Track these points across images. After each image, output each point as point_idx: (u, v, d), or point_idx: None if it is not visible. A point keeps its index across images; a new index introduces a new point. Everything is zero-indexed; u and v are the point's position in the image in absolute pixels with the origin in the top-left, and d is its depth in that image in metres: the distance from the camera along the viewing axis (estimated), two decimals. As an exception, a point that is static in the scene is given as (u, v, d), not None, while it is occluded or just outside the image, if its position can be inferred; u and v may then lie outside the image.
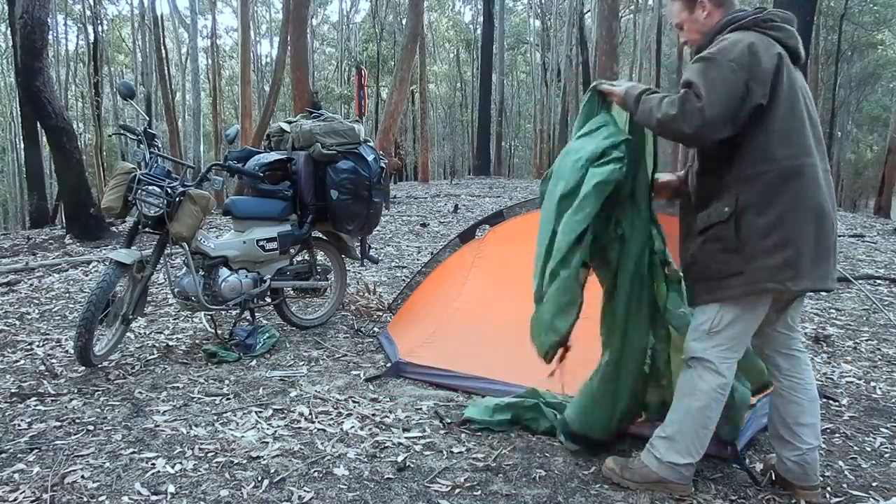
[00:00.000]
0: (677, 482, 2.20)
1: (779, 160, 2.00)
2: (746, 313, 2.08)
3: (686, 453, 2.16)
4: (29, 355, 3.65)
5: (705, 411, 2.14)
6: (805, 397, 2.18)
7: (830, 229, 2.03)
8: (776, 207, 1.99)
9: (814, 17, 8.04)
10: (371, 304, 4.76)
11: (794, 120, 2.01)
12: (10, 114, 28.38)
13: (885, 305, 4.91)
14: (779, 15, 2.08)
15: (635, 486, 2.23)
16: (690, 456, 2.16)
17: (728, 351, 2.12)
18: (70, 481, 2.22)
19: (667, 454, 2.18)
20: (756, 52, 1.97)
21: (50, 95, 7.69)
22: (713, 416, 2.15)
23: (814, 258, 1.99)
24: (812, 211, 1.99)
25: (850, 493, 2.27)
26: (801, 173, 1.99)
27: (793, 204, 1.99)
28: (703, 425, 2.16)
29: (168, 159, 3.83)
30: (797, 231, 1.98)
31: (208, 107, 23.64)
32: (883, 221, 12.27)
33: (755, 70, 1.96)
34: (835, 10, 20.85)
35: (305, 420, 2.78)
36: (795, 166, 1.99)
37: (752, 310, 2.08)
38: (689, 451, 2.16)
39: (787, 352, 2.21)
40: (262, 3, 33.54)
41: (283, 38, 13.85)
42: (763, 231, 2.00)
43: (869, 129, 32.29)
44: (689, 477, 2.21)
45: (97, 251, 7.02)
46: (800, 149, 2.01)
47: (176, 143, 18.45)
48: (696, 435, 2.16)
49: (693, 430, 2.16)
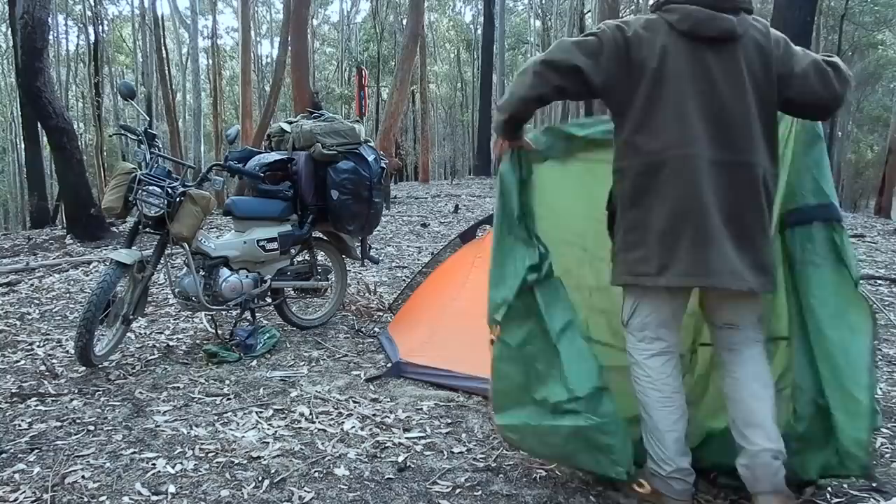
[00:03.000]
0: (670, 496, 2.04)
1: (644, 153, 1.91)
2: (643, 304, 2.02)
3: (658, 461, 2.04)
4: (29, 355, 3.65)
5: (647, 411, 2.05)
6: (749, 395, 2.01)
7: (708, 224, 1.87)
8: (641, 202, 1.93)
9: (814, 17, 8.05)
10: (371, 305, 4.76)
11: (663, 109, 1.88)
12: (11, 114, 28.41)
13: (886, 305, 4.91)
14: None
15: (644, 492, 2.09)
16: (663, 463, 2.02)
17: (643, 342, 2.05)
18: (70, 481, 2.22)
19: (650, 462, 2.09)
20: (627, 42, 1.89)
21: (50, 96, 7.70)
22: (654, 414, 2.03)
23: (679, 254, 1.87)
24: (680, 205, 1.87)
25: (851, 493, 2.26)
26: (671, 166, 1.88)
27: (658, 198, 1.90)
28: (653, 426, 2.04)
29: (168, 159, 3.83)
30: (660, 226, 1.90)
31: (209, 107, 23.67)
32: (883, 221, 12.27)
33: (618, 53, 1.88)
34: (835, 10, 20.85)
35: (306, 420, 2.78)
36: (662, 159, 1.88)
37: (648, 301, 2.01)
38: (658, 458, 2.04)
39: (731, 348, 2.06)
40: (263, 4, 33.59)
41: (283, 39, 13.87)
42: (627, 225, 1.98)
43: (869, 130, 32.29)
44: (683, 491, 2.04)
45: (98, 251, 7.03)
46: (670, 140, 1.88)
47: (176, 143, 18.47)
48: (653, 440, 2.05)
49: (649, 435, 2.07)
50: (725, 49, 1.88)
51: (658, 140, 1.89)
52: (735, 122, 1.89)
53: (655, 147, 1.90)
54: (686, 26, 1.87)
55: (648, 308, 2.03)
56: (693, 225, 1.87)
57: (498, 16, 24.21)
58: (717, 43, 1.88)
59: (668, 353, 2.05)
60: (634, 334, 2.07)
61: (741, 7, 1.90)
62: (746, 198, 1.91)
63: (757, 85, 1.90)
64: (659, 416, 2.03)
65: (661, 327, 2.04)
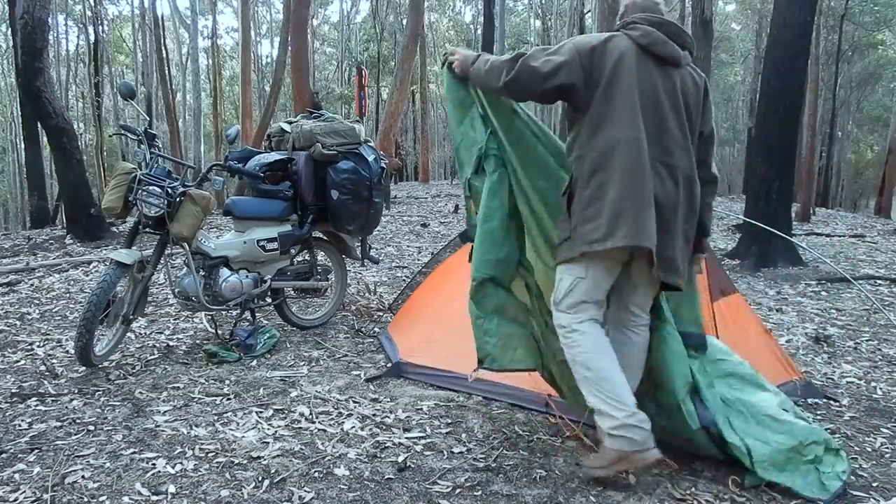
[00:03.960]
0: (633, 450, 2.18)
1: (602, 139, 2.21)
2: (584, 281, 2.26)
3: (613, 410, 2.19)
4: (29, 355, 3.65)
5: (588, 366, 2.24)
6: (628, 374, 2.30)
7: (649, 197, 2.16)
8: (597, 178, 2.21)
9: (814, 17, 8.04)
10: (371, 305, 4.76)
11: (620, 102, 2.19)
12: (11, 114, 28.38)
13: (886, 306, 4.91)
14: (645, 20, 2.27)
15: (604, 472, 2.25)
16: (617, 411, 2.18)
17: (575, 315, 2.27)
18: (70, 481, 2.22)
19: (604, 423, 2.23)
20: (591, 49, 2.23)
21: (50, 95, 7.70)
22: (596, 366, 2.23)
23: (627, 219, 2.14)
24: (630, 178, 2.16)
25: (851, 494, 2.27)
26: (623, 146, 2.18)
27: (612, 172, 2.18)
28: (599, 378, 2.22)
29: (168, 159, 3.83)
30: (612, 196, 2.17)
31: (209, 107, 23.65)
32: (883, 221, 12.28)
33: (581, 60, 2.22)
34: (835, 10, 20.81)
35: (306, 420, 2.78)
36: (617, 141, 2.18)
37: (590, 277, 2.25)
38: (612, 408, 2.19)
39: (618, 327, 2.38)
40: (263, 4, 33.56)
41: (283, 39, 13.86)
42: (584, 203, 2.23)
43: (869, 130, 32.27)
44: (643, 441, 2.18)
45: (97, 251, 7.03)
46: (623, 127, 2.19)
47: (176, 143, 18.46)
48: (602, 393, 2.22)
49: (597, 389, 2.23)
50: (669, 71, 2.26)
51: (614, 128, 2.20)
52: (668, 128, 2.23)
53: (612, 133, 2.20)
54: (645, 42, 2.23)
55: (587, 285, 2.26)
56: (640, 193, 2.16)
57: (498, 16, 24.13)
58: (665, 63, 2.25)
59: (596, 320, 2.30)
60: (567, 311, 2.29)
61: (687, 46, 2.31)
62: (671, 194, 2.21)
63: (688, 109, 2.28)
64: (601, 365, 2.23)
65: (593, 303, 2.29)
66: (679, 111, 2.25)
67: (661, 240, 2.17)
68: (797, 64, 7.24)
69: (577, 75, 2.22)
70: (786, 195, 7.44)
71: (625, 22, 2.31)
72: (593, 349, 2.24)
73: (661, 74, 2.24)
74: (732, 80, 33.61)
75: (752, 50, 26.38)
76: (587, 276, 2.25)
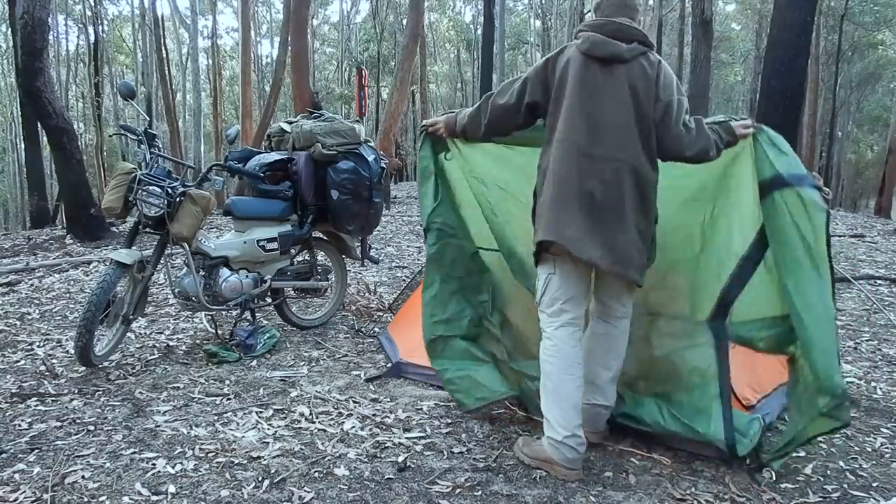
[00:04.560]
0: (561, 464, 2.29)
1: (553, 150, 2.34)
2: (553, 278, 2.36)
3: (556, 425, 2.30)
4: (29, 355, 3.65)
5: (551, 378, 2.34)
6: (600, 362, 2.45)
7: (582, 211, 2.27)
8: (544, 185, 2.36)
9: (814, 17, 8.03)
10: (371, 305, 4.76)
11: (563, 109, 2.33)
12: (11, 114, 28.40)
13: (886, 306, 4.91)
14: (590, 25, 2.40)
15: (528, 461, 2.40)
16: (560, 427, 2.28)
17: (552, 316, 2.36)
18: (70, 481, 2.22)
19: (547, 430, 2.34)
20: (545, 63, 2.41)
21: (50, 96, 7.70)
22: (555, 380, 2.32)
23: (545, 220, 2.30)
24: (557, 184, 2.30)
25: (851, 494, 2.27)
26: (557, 154, 2.32)
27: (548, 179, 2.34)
28: (554, 391, 2.32)
29: (168, 159, 3.83)
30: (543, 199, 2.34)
31: (209, 107, 23.66)
32: (883, 221, 12.27)
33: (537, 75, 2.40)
34: (835, 10, 20.83)
35: (306, 420, 2.78)
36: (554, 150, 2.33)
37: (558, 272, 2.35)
38: (556, 423, 2.30)
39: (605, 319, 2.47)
40: (263, 4, 33.57)
41: (283, 39, 13.87)
42: (540, 208, 2.38)
43: (869, 130, 32.30)
44: (573, 461, 2.29)
45: (97, 251, 7.03)
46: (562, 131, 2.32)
47: (176, 143, 18.46)
48: (553, 405, 2.33)
49: (551, 402, 2.34)
50: (612, 68, 2.33)
51: (557, 133, 2.34)
52: (608, 123, 2.31)
53: (555, 138, 2.35)
54: (585, 47, 2.35)
55: (558, 281, 2.35)
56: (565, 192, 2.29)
57: (498, 16, 24.13)
58: (607, 63, 2.33)
59: (573, 324, 2.36)
60: (546, 311, 2.39)
61: (636, 39, 2.36)
62: (612, 188, 2.28)
63: (637, 100, 2.32)
64: (560, 381, 2.32)
65: (569, 300, 2.36)
66: (626, 107, 2.32)
67: (608, 234, 2.26)
68: (797, 64, 7.24)
69: (538, 93, 2.39)
70: (786, 195, 7.42)
71: (575, 33, 2.47)
72: (560, 366, 2.33)
73: (605, 74, 2.33)
74: (732, 80, 33.64)
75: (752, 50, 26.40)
76: (556, 271, 2.36)
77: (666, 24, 23.86)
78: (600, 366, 2.46)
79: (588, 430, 2.46)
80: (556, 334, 2.34)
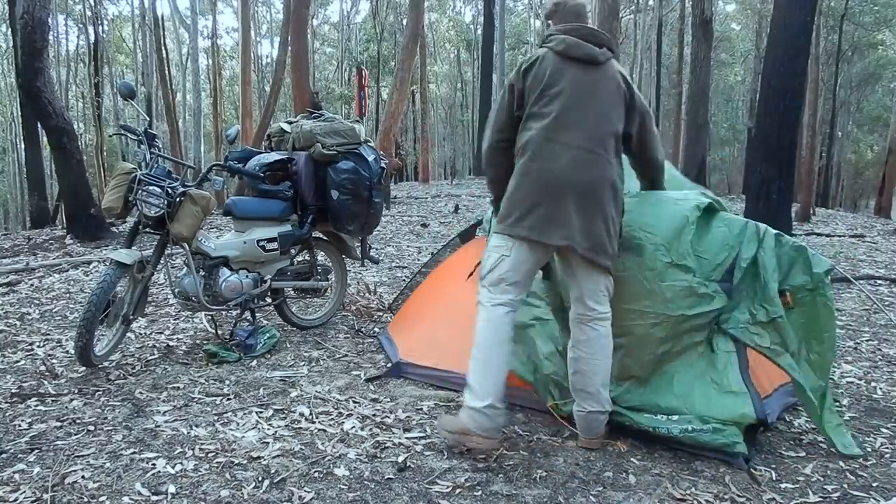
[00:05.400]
0: (477, 432, 2.37)
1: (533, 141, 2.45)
2: (508, 258, 2.45)
3: (479, 394, 2.39)
4: (29, 355, 3.65)
5: (480, 349, 2.43)
6: (588, 368, 2.48)
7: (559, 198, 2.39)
8: (516, 179, 2.48)
9: (814, 17, 8.03)
10: (371, 305, 4.76)
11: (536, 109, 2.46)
12: (11, 114, 28.39)
13: (886, 306, 4.91)
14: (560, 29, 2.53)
15: (447, 436, 2.46)
16: (483, 398, 2.37)
17: (494, 294, 2.47)
18: (70, 481, 2.22)
19: (468, 399, 2.42)
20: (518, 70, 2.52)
21: (50, 96, 7.70)
22: (485, 354, 2.43)
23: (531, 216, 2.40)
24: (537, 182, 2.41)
25: (851, 494, 2.27)
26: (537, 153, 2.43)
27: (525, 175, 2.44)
28: (483, 361, 2.43)
29: (168, 159, 3.83)
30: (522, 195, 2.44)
31: (209, 107, 23.64)
32: (883, 221, 12.28)
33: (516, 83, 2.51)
34: (835, 10, 20.82)
35: (306, 420, 2.78)
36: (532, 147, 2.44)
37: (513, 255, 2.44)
38: (477, 391, 2.40)
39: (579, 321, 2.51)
40: (263, 4, 33.56)
41: (283, 39, 13.86)
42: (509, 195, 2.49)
43: (869, 130, 32.28)
44: (491, 430, 2.39)
45: (97, 251, 7.03)
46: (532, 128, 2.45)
47: (176, 143, 18.44)
48: (478, 374, 2.42)
49: (477, 371, 2.43)
50: (589, 69, 2.49)
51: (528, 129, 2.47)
52: (586, 119, 2.44)
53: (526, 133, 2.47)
54: (561, 48, 2.48)
55: (509, 264, 2.45)
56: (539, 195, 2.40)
57: (498, 16, 24.19)
58: (583, 63, 2.48)
59: (511, 306, 2.47)
60: (488, 286, 2.49)
61: (604, 44, 2.53)
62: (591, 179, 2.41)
63: (611, 101, 2.49)
64: (490, 355, 2.43)
65: (514, 284, 2.47)
66: (599, 101, 2.46)
67: (586, 221, 2.39)
68: (797, 64, 7.24)
69: (518, 99, 2.51)
70: (786, 195, 7.44)
71: (543, 37, 2.60)
72: (491, 336, 2.44)
73: (585, 74, 2.47)
74: (732, 80, 33.63)
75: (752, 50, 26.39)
76: (511, 255, 2.46)
77: (666, 24, 23.86)
78: (589, 372, 2.49)
79: (587, 437, 2.54)
80: (494, 311, 2.45)
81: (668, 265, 2.55)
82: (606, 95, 2.48)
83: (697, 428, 2.43)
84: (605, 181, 2.43)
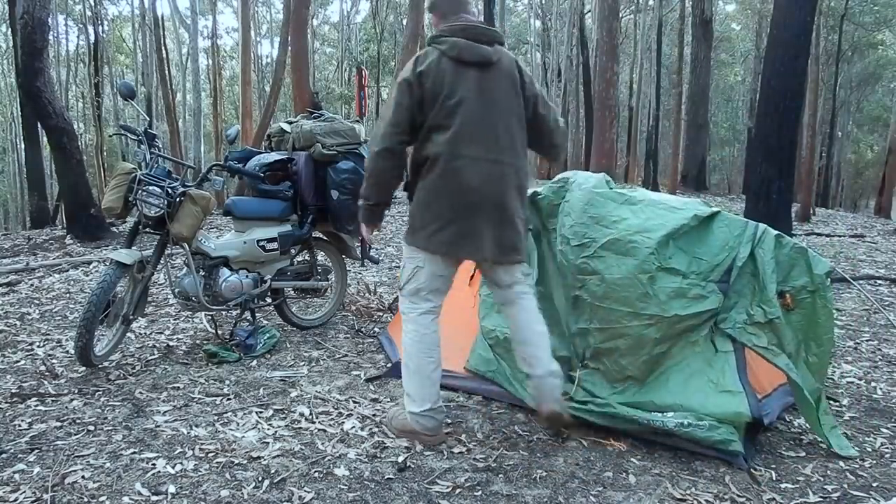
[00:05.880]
0: (423, 433, 2.52)
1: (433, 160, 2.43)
2: (423, 270, 2.51)
3: (415, 399, 2.52)
4: (29, 355, 3.65)
5: (410, 358, 2.54)
6: (529, 334, 2.55)
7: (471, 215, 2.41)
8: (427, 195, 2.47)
9: (814, 17, 8.03)
10: (371, 305, 4.76)
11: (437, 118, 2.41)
12: (11, 114, 28.37)
13: (886, 306, 4.91)
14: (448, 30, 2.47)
15: (396, 433, 2.60)
16: (420, 402, 2.51)
17: (415, 303, 2.55)
18: (70, 481, 2.22)
19: (408, 405, 2.56)
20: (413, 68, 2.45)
21: (50, 96, 7.69)
22: (416, 363, 2.52)
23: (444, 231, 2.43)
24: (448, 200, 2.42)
25: (851, 493, 2.27)
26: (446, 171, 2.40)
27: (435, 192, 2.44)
28: (414, 371, 2.53)
29: (168, 159, 3.83)
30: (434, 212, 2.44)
31: (209, 107, 23.62)
32: (883, 221, 12.28)
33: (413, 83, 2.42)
34: (835, 10, 20.82)
35: (306, 420, 2.78)
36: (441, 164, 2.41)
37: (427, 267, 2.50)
38: (415, 398, 2.52)
39: (507, 303, 2.60)
40: (263, 4, 33.52)
41: (283, 39, 13.86)
42: (419, 208, 2.50)
43: (869, 130, 32.28)
44: (433, 428, 2.53)
45: (97, 251, 7.03)
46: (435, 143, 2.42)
47: (176, 143, 18.43)
48: (413, 383, 2.54)
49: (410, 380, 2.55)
50: (484, 70, 2.44)
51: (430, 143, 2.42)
52: (489, 128, 2.42)
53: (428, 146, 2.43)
54: (454, 54, 2.42)
55: (425, 275, 2.51)
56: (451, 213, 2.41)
57: (498, 16, 24.15)
58: (478, 67, 2.43)
59: (433, 312, 2.56)
60: (409, 298, 2.56)
61: (495, 40, 2.49)
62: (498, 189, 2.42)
63: (510, 100, 2.47)
64: (421, 363, 2.52)
65: (432, 292, 2.55)
66: (499, 104, 2.45)
67: (496, 231, 2.43)
68: (797, 64, 7.24)
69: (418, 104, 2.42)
70: (786, 195, 7.43)
71: (431, 37, 2.53)
72: (419, 346, 2.53)
73: (477, 76, 2.43)
74: (732, 80, 33.62)
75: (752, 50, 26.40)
76: (425, 265, 2.51)
77: (666, 24, 23.84)
78: (532, 339, 2.55)
79: (547, 403, 2.52)
80: (419, 320, 2.53)
81: (659, 269, 2.57)
82: (504, 96, 2.47)
83: (693, 423, 2.44)
84: (512, 188, 2.46)
